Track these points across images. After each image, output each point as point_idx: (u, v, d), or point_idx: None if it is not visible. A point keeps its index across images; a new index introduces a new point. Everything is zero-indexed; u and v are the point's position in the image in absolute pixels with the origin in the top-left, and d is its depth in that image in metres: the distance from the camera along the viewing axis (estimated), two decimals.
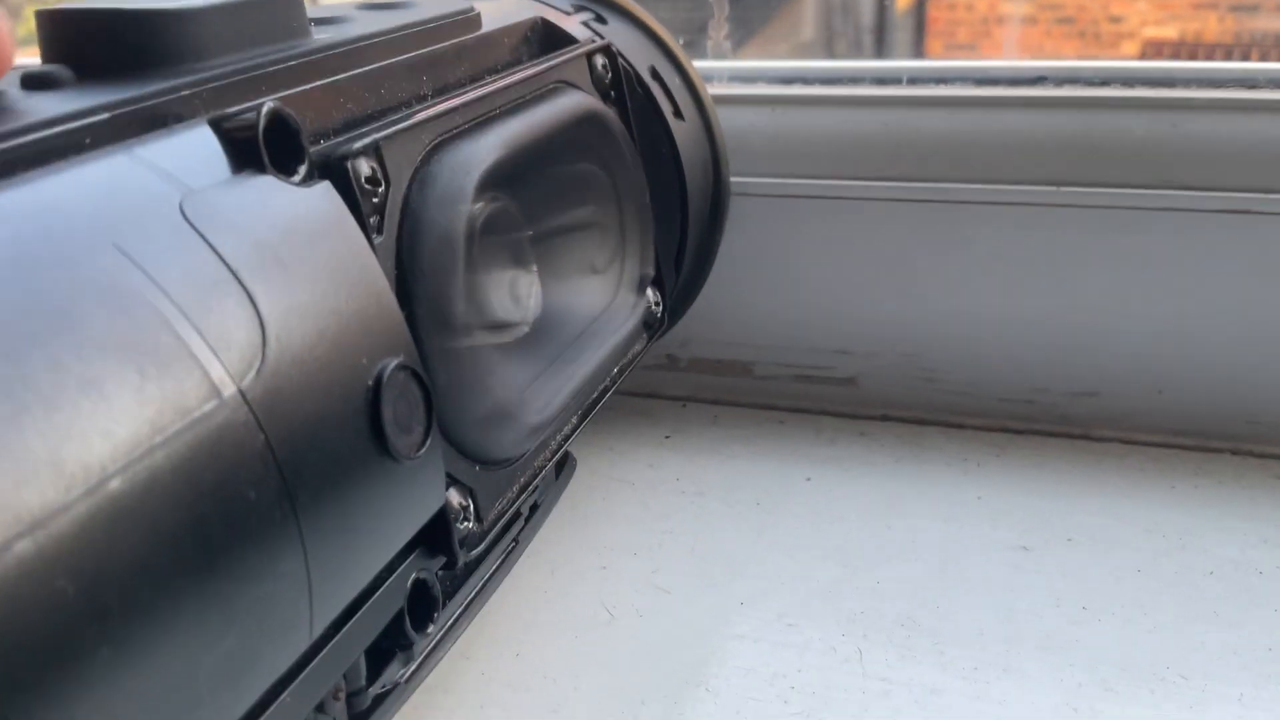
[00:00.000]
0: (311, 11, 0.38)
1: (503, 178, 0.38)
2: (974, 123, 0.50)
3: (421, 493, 0.30)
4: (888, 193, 0.51)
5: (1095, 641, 0.39)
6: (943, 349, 0.53)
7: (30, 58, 0.30)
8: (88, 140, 0.25)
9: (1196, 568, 0.42)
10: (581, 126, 0.42)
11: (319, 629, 0.26)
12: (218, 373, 0.23)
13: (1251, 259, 0.47)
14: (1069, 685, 0.37)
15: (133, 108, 0.27)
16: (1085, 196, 0.49)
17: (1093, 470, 0.49)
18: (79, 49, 0.29)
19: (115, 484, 0.20)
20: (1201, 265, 0.48)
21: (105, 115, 0.26)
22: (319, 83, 0.32)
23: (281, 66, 0.32)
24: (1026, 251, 0.50)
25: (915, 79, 0.54)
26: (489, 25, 0.42)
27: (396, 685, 0.33)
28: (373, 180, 0.31)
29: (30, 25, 0.30)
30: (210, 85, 0.29)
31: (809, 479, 0.49)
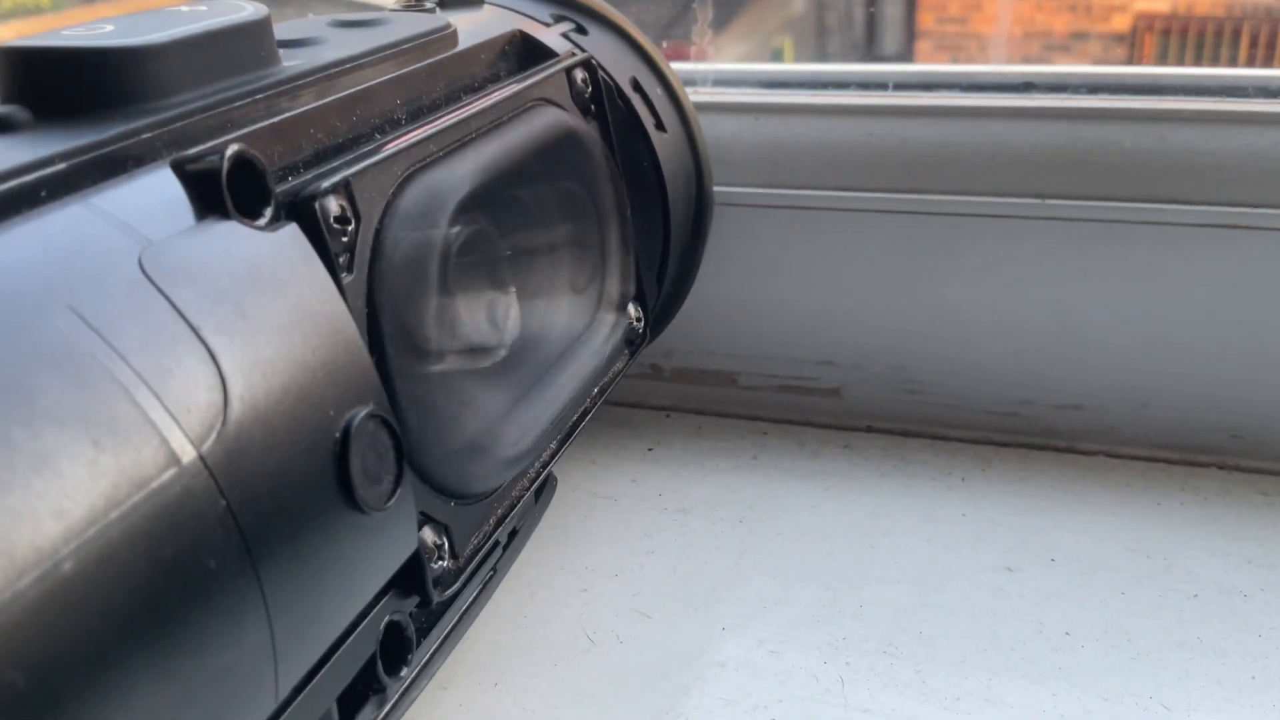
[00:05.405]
0: (282, 30, 0.37)
1: (479, 200, 0.37)
2: (960, 133, 0.49)
3: (392, 541, 0.29)
4: (873, 204, 0.50)
5: (1078, 669, 0.38)
6: (928, 360, 0.52)
7: None
8: (43, 193, 0.25)
9: (1181, 590, 0.42)
10: (559, 146, 0.41)
11: (285, 690, 0.25)
12: (177, 439, 0.23)
13: (1238, 273, 0.47)
14: (1052, 717, 0.37)
15: (91, 155, 0.26)
16: (1072, 209, 0.48)
17: (1077, 485, 0.49)
18: (38, 88, 0.28)
19: (68, 566, 0.20)
20: (1188, 279, 0.48)
21: (62, 165, 0.25)
22: (287, 115, 0.31)
23: (248, 100, 0.31)
24: (1012, 264, 0.50)
25: (901, 84, 0.53)
26: (465, 41, 0.41)
27: None
28: (342, 219, 0.30)
29: None
30: (173, 125, 0.28)
31: (793, 495, 0.49)
